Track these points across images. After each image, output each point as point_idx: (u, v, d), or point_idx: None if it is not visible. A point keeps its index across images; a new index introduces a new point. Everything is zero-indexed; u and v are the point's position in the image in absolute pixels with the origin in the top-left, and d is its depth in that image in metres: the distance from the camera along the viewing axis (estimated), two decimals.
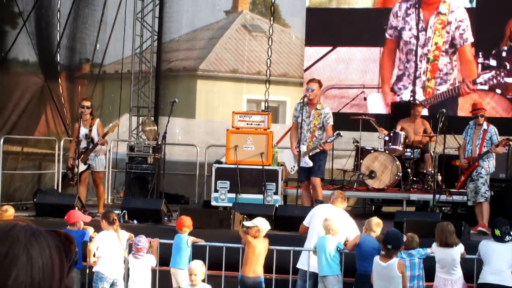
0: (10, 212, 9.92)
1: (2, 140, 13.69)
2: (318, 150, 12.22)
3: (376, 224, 9.48)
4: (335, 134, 12.20)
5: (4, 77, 15.59)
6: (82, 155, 12.76)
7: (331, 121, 12.32)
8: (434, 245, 9.29)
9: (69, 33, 16.60)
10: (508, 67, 15.48)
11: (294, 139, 12.40)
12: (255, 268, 9.49)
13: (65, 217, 9.95)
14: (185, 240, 9.79)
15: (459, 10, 15.86)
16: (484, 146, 11.95)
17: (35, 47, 15.84)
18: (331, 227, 9.34)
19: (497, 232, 9.34)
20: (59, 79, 16.44)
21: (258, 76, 17.45)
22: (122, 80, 16.86)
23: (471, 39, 15.76)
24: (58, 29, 16.34)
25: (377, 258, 8.95)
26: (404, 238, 9.23)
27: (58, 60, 16.40)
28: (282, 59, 17.62)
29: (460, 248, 9.26)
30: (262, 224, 9.56)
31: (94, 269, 9.59)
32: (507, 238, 9.28)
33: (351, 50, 16.45)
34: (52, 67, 16.35)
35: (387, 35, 16.22)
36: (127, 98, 16.91)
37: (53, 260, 1.64)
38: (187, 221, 9.94)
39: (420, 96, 15.97)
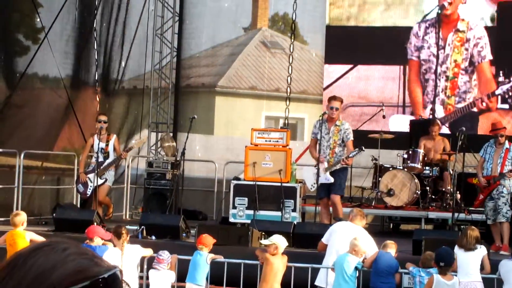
0: (22, 216, 9.95)
1: (22, 155, 13.75)
2: (339, 166, 12.19)
3: (390, 246, 9.55)
4: (357, 148, 12.16)
5: (25, 92, 15.68)
6: (99, 170, 12.79)
7: (351, 137, 12.32)
8: (456, 246, 9.42)
9: (96, 49, 16.68)
10: None
11: (315, 153, 12.39)
12: (272, 286, 9.45)
13: (86, 232, 9.94)
14: (205, 258, 9.75)
15: (478, 27, 15.84)
16: (506, 165, 11.89)
17: (57, 62, 15.92)
18: (356, 247, 9.33)
19: None
20: (97, 96, 16.52)
21: (277, 93, 17.46)
22: (143, 96, 16.93)
23: (489, 57, 15.72)
24: (91, 46, 16.42)
25: (438, 277, 8.95)
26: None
27: (96, 76, 16.47)
28: (301, 76, 17.61)
29: (479, 253, 9.31)
30: (279, 241, 9.54)
31: None
32: None
33: (370, 68, 16.45)
34: (75, 83, 16.42)
35: (413, 57, 16.17)
36: (146, 114, 16.97)
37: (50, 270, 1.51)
38: (208, 239, 9.90)
39: (440, 114, 15.93)
